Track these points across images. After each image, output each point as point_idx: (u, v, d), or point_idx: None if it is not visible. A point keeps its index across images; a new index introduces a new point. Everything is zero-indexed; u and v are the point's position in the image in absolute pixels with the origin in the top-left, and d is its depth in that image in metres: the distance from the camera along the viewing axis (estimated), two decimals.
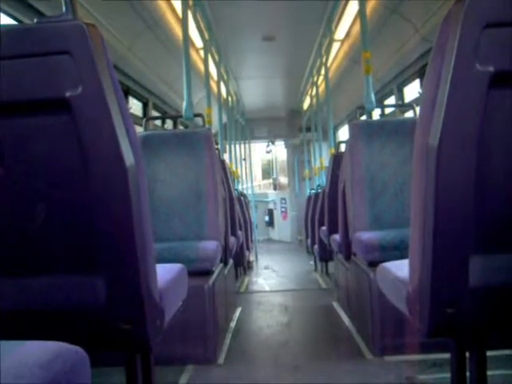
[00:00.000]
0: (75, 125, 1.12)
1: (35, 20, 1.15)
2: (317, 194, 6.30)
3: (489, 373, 1.30)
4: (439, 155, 1.11)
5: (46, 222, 1.17)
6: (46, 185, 1.17)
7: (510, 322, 1.20)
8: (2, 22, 3.09)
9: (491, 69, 1.09)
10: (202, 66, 5.95)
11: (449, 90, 1.10)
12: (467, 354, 1.32)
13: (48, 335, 0.89)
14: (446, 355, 1.38)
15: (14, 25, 2.83)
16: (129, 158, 1.14)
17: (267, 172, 14.20)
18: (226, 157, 6.90)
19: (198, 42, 6.03)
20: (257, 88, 9.57)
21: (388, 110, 6.37)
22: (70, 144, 1.14)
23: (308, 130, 10.37)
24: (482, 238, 1.15)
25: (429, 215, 1.14)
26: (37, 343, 0.83)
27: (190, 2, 4.74)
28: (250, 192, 10.64)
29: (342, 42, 6.52)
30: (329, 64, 6.86)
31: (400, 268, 1.45)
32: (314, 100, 8.55)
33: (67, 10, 1.14)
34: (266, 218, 12.38)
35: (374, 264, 2.46)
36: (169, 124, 7.21)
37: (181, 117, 4.30)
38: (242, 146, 10.70)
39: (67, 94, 1.10)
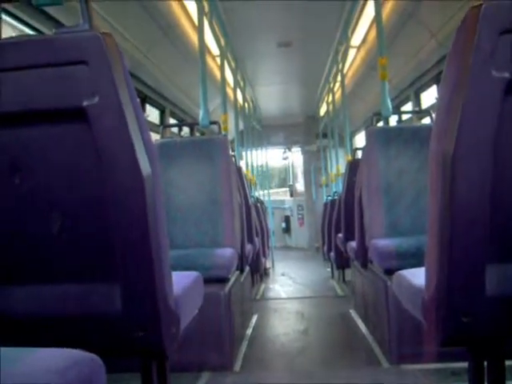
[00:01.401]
0: (92, 134, 1.13)
1: (53, 30, 1.17)
2: (333, 201, 6.27)
3: (507, 383, 1.28)
4: (454, 162, 1.10)
5: (63, 230, 1.18)
6: (63, 193, 1.19)
7: None
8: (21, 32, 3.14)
9: (507, 75, 1.08)
10: (218, 73, 5.98)
11: (464, 97, 1.09)
12: (485, 364, 1.30)
13: (64, 342, 0.89)
14: (465, 364, 1.37)
15: (32, 35, 2.87)
16: (145, 166, 1.15)
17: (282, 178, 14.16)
18: (242, 163, 6.91)
19: (214, 48, 6.06)
20: (273, 94, 9.58)
21: (405, 117, 6.34)
22: (87, 153, 1.15)
23: (325, 136, 10.35)
24: (498, 246, 1.14)
25: (445, 223, 1.13)
26: (53, 350, 0.84)
27: (206, 9, 4.77)
28: (266, 199, 10.63)
29: (359, 48, 6.50)
30: (345, 70, 6.85)
31: (416, 276, 1.44)
32: (331, 106, 8.53)
33: (84, 20, 1.16)
34: (283, 225, 12.34)
35: (390, 272, 2.44)
36: (185, 131, 7.24)
37: (197, 124, 4.32)
38: (259, 152, 10.70)
39: (84, 104, 1.12)
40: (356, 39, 6.25)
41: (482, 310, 1.14)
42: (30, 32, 3.16)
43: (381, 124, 4.09)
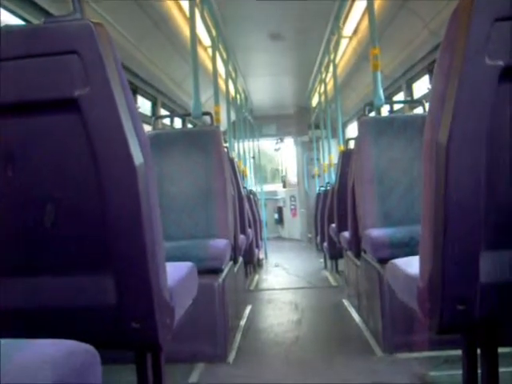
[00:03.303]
0: (84, 124, 1.12)
1: (43, 20, 1.15)
2: (326, 192, 6.27)
3: (500, 370, 1.29)
4: (448, 151, 1.10)
5: (56, 222, 1.18)
6: (56, 184, 1.18)
7: None
8: (11, 23, 3.11)
9: (501, 63, 1.08)
10: (210, 65, 5.95)
11: (458, 85, 1.09)
12: (479, 351, 1.31)
13: (59, 334, 0.89)
14: (458, 352, 1.38)
15: (22, 25, 2.84)
16: (138, 156, 1.14)
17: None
18: (234, 155, 6.89)
19: (205, 40, 6.03)
20: (265, 85, 9.55)
21: (397, 107, 6.34)
22: (79, 143, 1.14)
23: (317, 127, 10.33)
24: (492, 233, 1.15)
25: (439, 212, 1.14)
26: (48, 341, 0.84)
27: (198, 0, 4.74)
28: (259, 190, 10.62)
29: (350, 38, 6.49)
30: (337, 61, 6.84)
31: (410, 265, 1.44)
32: (323, 97, 8.52)
33: (75, 10, 1.14)
34: (276, 216, 12.34)
35: (384, 261, 2.45)
36: (177, 123, 7.21)
37: (189, 115, 4.30)
38: (251, 143, 10.68)
39: (76, 94, 1.11)
40: (348, 29, 6.23)
41: (477, 297, 1.15)
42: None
43: (373, 114, 4.09)
